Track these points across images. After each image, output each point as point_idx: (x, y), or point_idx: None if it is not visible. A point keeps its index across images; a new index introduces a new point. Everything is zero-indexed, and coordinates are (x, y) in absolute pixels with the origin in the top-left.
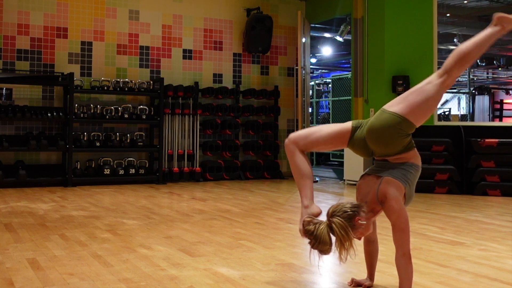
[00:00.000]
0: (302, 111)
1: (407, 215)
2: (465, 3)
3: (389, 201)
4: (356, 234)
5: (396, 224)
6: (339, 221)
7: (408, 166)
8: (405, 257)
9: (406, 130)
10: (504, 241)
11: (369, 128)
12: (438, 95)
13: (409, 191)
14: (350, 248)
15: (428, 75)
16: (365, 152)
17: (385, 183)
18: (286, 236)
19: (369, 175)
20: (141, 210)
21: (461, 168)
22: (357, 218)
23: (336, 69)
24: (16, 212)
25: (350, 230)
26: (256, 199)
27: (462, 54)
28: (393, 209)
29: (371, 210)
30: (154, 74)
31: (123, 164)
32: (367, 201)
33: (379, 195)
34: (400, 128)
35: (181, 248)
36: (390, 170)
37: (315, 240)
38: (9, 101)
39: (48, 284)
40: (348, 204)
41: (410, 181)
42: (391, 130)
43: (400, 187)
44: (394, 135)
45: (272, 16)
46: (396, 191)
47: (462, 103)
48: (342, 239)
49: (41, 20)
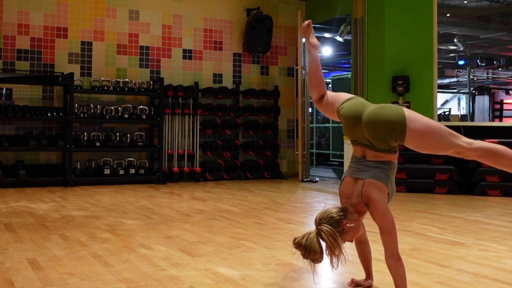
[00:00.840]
0: (302, 111)
1: (392, 217)
2: (465, 3)
3: (373, 204)
4: (347, 237)
5: (382, 226)
6: (327, 229)
7: (385, 164)
8: (394, 257)
9: (395, 136)
10: (504, 241)
11: (373, 109)
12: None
13: (391, 188)
14: (340, 255)
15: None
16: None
17: (368, 185)
18: (286, 236)
19: (350, 177)
20: (141, 210)
21: (461, 168)
22: (344, 222)
23: (336, 69)
24: (16, 212)
25: (338, 237)
26: (256, 199)
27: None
28: (377, 212)
29: (357, 212)
30: (154, 74)
31: (123, 164)
32: (353, 203)
33: (363, 198)
34: (393, 129)
35: (181, 248)
36: (370, 171)
37: (305, 251)
38: (9, 101)
39: (48, 284)
40: (334, 209)
41: (390, 179)
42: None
43: (382, 188)
44: (386, 130)
45: (272, 16)
46: (380, 193)
47: (462, 103)
48: (332, 246)
49: (41, 20)
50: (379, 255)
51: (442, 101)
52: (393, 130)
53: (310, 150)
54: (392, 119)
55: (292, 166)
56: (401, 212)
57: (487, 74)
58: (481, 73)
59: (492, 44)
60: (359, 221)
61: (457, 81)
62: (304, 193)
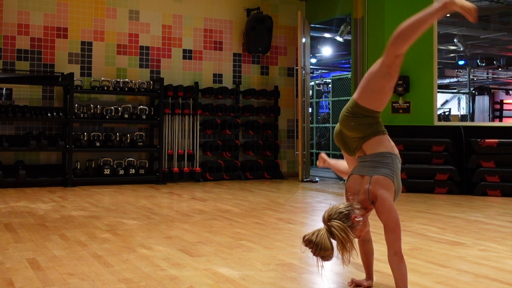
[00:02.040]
0: (302, 111)
1: (397, 215)
2: None
3: (379, 201)
4: (355, 232)
5: (387, 224)
6: (337, 224)
7: (388, 158)
8: (397, 256)
9: (362, 112)
10: (504, 241)
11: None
12: (381, 76)
13: (397, 184)
14: (352, 249)
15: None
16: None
17: (375, 183)
18: (286, 236)
19: (356, 175)
20: (141, 210)
21: (461, 168)
22: (353, 216)
23: (336, 69)
24: (16, 212)
25: (349, 231)
26: (256, 199)
27: (399, 31)
28: (383, 209)
29: (364, 208)
30: (154, 74)
31: (123, 164)
32: (359, 200)
33: (370, 195)
34: (354, 112)
35: (181, 248)
36: (375, 168)
37: (316, 247)
38: (9, 101)
39: (48, 284)
40: (341, 205)
41: (396, 174)
42: (349, 114)
43: (389, 184)
44: (351, 119)
45: (272, 16)
46: (386, 191)
47: (462, 103)
48: (344, 241)
49: (41, 20)
50: (379, 255)
51: (442, 101)
52: (350, 107)
53: (310, 150)
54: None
55: (292, 166)
56: (401, 212)
57: (487, 74)
58: (481, 73)
59: (492, 44)
60: (367, 216)
61: (457, 81)
62: (304, 193)
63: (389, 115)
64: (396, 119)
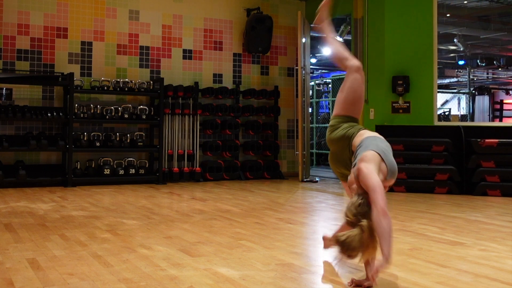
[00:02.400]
0: (302, 111)
1: (377, 177)
2: (465, 3)
3: (358, 171)
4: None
5: (367, 186)
6: (367, 224)
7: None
8: (380, 212)
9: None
10: (504, 241)
11: None
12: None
13: (389, 161)
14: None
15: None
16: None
17: (359, 161)
18: (286, 236)
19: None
20: (141, 210)
21: (461, 168)
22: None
23: (336, 69)
24: (16, 212)
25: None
26: (256, 199)
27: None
28: (362, 176)
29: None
30: (154, 74)
31: (123, 164)
32: (358, 186)
33: (356, 172)
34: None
35: (181, 248)
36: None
37: (344, 247)
38: (9, 101)
39: (48, 284)
40: (353, 199)
41: (379, 146)
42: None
43: (371, 154)
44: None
45: (272, 16)
46: (365, 162)
47: (462, 103)
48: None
49: (41, 20)
50: (378, 255)
51: (442, 101)
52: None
53: (310, 150)
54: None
55: (292, 166)
56: (401, 212)
57: (487, 74)
58: (481, 73)
59: (492, 44)
60: None
61: (457, 81)
62: (304, 193)
63: (389, 115)
64: (396, 119)
